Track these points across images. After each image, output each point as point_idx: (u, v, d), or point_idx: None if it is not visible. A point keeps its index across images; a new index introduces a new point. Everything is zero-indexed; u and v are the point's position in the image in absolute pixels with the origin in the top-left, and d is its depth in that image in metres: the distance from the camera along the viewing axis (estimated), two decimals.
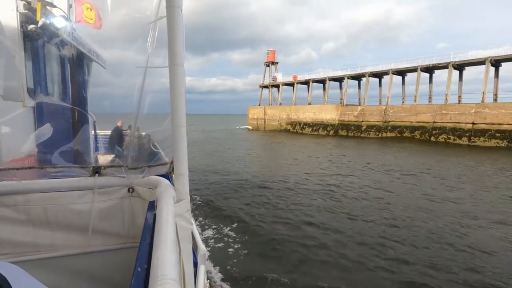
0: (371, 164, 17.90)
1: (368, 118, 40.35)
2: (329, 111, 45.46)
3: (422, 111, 35.17)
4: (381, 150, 25.99)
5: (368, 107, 41.61)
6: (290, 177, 13.73)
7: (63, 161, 1.91)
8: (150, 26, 1.70)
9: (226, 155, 21.22)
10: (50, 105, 3.65)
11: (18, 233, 1.70)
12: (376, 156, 21.97)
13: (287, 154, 22.96)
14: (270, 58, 60.22)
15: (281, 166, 17.09)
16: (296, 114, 50.34)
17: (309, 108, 49.16)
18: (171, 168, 1.88)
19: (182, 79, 1.31)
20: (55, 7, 3.48)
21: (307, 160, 19.52)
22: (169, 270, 0.85)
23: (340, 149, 26.61)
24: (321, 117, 46.09)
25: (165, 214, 1.20)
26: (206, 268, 1.88)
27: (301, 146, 28.86)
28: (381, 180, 13.47)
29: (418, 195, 10.87)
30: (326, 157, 21.09)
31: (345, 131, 42.39)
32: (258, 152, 24.57)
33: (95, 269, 1.89)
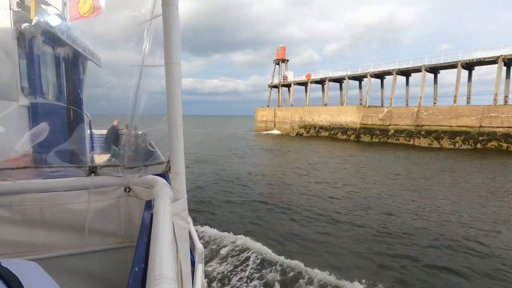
0: (436, 190, 12.75)
1: (396, 121, 34.75)
2: (349, 113, 39.92)
3: (465, 113, 29.34)
4: (430, 162, 20.73)
5: (397, 109, 35.76)
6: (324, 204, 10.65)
7: (58, 160, 1.90)
8: (145, 24, 1.69)
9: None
10: (45, 104, 3.62)
11: (14, 234, 1.68)
12: (431, 172, 17.01)
13: (311, 170, 17.65)
14: (280, 55, 54.10)
15: (308, 187, 13.20)
16: (310, 116, 44.95)
17: (325, 110, 43.67)
18: (167, 167, 1.87)
19: (178, 78, 1.31)
20: (49, 5, 3.44)
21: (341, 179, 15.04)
22: (166, 269, 0.85)
23: (375, 159, 21.67)
24: (340, 119, 40.72)
25: (162, 214, 1.20)
26: (204, 267, 1.88)
27: (322, 156, 23.51)
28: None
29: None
30: (360, 174, 16.46)
31: (369, 135, 36.95)
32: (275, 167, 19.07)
33: (92, 269, 1.88)
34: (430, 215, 9.54)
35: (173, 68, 1.28)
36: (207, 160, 20.82)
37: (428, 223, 8.85)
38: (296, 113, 47.45)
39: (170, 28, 1.26)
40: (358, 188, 13.05)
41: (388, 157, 23.37)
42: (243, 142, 36.66)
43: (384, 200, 11.26)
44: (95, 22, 3.62)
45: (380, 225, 8.65)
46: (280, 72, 54.60)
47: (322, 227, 8.53)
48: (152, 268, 0.87)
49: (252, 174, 16.03)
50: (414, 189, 12.91)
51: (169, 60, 1.27)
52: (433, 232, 8.16)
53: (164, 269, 0.84)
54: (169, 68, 1.28)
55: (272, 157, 23.34)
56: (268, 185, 13.63)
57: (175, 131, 1.34)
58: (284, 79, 52.84)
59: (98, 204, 1.83)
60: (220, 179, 14.65)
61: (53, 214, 1.74)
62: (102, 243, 1.90)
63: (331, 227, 8.56)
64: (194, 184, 13.22)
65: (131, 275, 0.98)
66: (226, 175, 15.65)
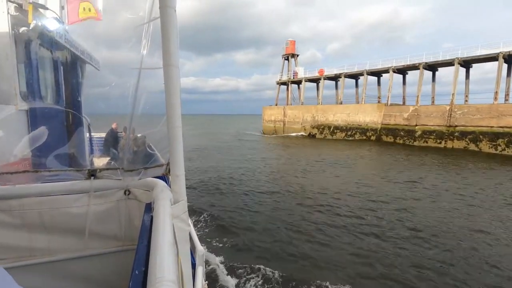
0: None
1: (424, 121, 30.45)
2: (368, 112, 35.81)
3: (508, 112, 25.14)
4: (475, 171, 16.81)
5: (424, 107, 31.41)
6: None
7: (58, 164, 1.90)
8: (143, 27, 1.70)
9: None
10: (44, 108, 3.61)
11: (13, 238, 1.68)
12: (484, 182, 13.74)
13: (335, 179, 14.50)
14: (289, 50, 48.90)
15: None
16: (324, 116, 40.52)
17: (341, 109, 39.32)
18: (167, 170, 1.87)
19: (177, 80, 1.31)
20: (47, 9, 3.45)
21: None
22: (167, 272, 0.85)
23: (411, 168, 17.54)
24: (358, 119, 36.54)
25: (162, 216, 1.20)
26: (204, 269, 1.87)
27: (346, 161, 20.27)
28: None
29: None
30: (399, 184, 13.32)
31: (391, 137, 33.12)
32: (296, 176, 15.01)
33: (92, 272, 1.88)
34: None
35: (171, 70, 1.28)
36: (222, 181, 13.61)
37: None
38: (308, 112, 42.84)
39: (168, 31, 1.26)
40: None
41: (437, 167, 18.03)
42: (257, 145, 31.52)
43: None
44: (93, 25, 3.62)
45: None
46: (289, 68, 49.55)
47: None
48: (152, 271, 0.86)
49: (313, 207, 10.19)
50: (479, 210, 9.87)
51: (168, 62, 1.27)
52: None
53: (164, 272, 0.84)
54: (168, 70, 1.28)
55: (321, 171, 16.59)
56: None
57: (174, 133, 1.34)
58: (294, 76, 47.72)
59: (98, 207, 1.83)
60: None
61: (53, 218, 1.73)
62: (103, 247, 1.89)
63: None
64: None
65: (131, 278, 0.98)
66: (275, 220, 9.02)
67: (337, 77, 42.58)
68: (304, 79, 45.87)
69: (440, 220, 8.94)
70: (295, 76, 47.63)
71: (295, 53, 49.21)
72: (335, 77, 42.91)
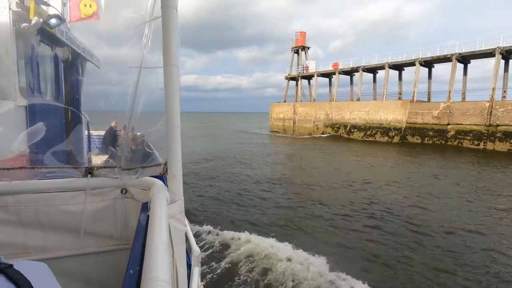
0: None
1: (458, 119, 26.80)
2: (391, 109, 32.07)
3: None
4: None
5: (459, 104, 27.52)
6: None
7: (55, 161, 1.89)
8: (144, 26, 1.70)
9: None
10: (43, 105, 3.60)
11: (8, 235, 1.67)
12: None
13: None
14: (299, 42, 44.71)
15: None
16: (339, 114, 36.88)
17: (359, 106, 35.38)
18: (165, 169, 1.87)
19: (177, 80, 1.31)
20: (49, 6, 3.45)
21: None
22: (161, 272, 0.84)
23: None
24: (379, 117, 32.93)
25: (158, 216, 1.19)
26: (200, 269, 1.87)
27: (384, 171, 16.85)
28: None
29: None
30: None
31: (418, 137, 29.59)
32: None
33: (87, 271, 1.86)
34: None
35: (171, 70, 1.28)
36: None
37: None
38: (321, 110, 38.97)
39: (169, 30, 1.26)
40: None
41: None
42: (267, 148, 27.04)
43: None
44: (95, 23, 3.62)
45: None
46: (299, 62, 45.64)
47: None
48: (147, 271, 0.86)
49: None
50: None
51: (168, 62, 1.27)
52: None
53: (159, 272, 0.84)
54: (168, 69, 1.28)
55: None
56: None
57: (173, 133, 1.34)
58: (304, 70, 43.62)
59: (94, 205, 1.82)
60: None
61: (48, 215, 1.73)
62: (98, 245, 1.88)
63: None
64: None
65: (125, 277, 0.97)
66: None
67: (354, 71, 38.42)
68: (316, 73, 41.79)
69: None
70: (306, 70, 43.48)
71: (305, 46, 44.84)
72: (351, 71, 38.82)
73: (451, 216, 9.45)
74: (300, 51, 45.48)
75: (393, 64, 34.24)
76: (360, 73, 37.09)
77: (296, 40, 45.43)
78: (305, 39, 45.11)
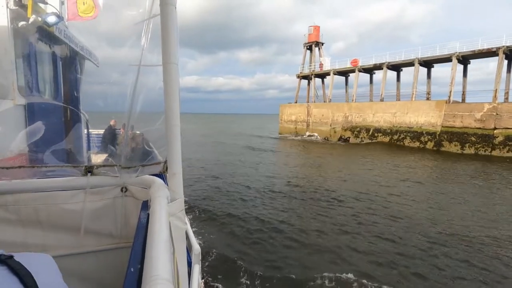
0: None
1: (508, 123, 22.73)
2: (423, 110, 27.60)
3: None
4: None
5: (508, 105, 23.22)
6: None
7: (54, 160, 1.89)
8: (143, 24, 1.69)
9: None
10: (42, 103, 3.60)
11: (8, 233, 1.67)
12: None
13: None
14: (312, 38, 40.35)
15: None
16: (360, 115, 32.56)
17: (383, 107, 30.86)
18: (165, 168, 1.87)
19: (176, 78, 1.30)
20: (47, 4, 3.43)
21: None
22: (162, 270, 0.84)
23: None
24: (408, 120, 28.53)
25: (158, 214, 1.20)
26: (201, 267, 1.87)
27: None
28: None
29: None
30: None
31: (457, 143, 25.13)
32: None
33: (87, 270, 1.87)
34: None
35: (170, 68, 1.28)
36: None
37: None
38: (339, 111, 34.56)
39: (168, 28, 1.26)
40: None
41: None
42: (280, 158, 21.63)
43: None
44: (93, 21, 3.61)
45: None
46: (312, 59, 41.32)
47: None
48: (147, 269, 0.86)
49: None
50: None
51: (167, 60, 1.27)
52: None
53: (160, 270, 0.84)
54: (167, 67, 1.28)
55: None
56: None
57: (172, 131, 1.34)
58: (319, 67, 39.26)
59: (94, 204, 1.82)
60: None
61: (48, 214, 1.73)
62: (98, 244, 1.88)
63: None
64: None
65: (126, 275, 0.97)
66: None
67: (376, 68, 33.76)
68: (332, 71, 37.23)
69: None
70: (320, 67, 39.09)
71: (319, 41, 40.37)
72: (373, 68, 34.16)
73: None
74: (314, 47, 40.98)
75: (424, 60, 29.35)
76: (385, 71, 32.46)
77: (309, 35, 40.96)
78: (319, 34, 40.64)
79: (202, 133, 40.83)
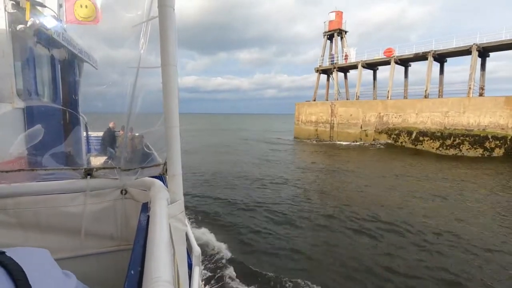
0: None
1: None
2: (488, 109, 21.91)
3: None
4: None
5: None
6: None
7: (54, 163, 1.88)
8: (142, 26, 1.69)
9: None
10: (41, 107, 3.59)
11: (9, 237, 1.66)
12: None
13: None
14: (334, 25, 33.77)
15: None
16: (399, 115, 26.72)
17: (430, 104, 24.84)
18: (164, 169, 1.87)
19: (175, 79, 1.30)
20: (45, 7, 3.43)
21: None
22: (163, 272, 0.84)
23: None
24: (466, 120, 22.84)
25: (158, 216, 1.19)
26: (201, 269, 1.87)
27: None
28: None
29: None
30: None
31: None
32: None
33: (88, 272, 1.86)
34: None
35: (169, 70, 1.28)
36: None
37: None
38: (371, 110, 28.52)
39: (166, 30, 1.26)
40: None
41: None
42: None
43: None
44: (92, 23, 3.61)
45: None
46: (331, 50, 34.84)
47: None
48: (148, 271, 0.86)
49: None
50: None
51: (165, 62, 1.27)
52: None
53: (160, 272, 0.84)
54: (166, 69, 1.28)
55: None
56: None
57: (172, 133, 1.34)
58: (344, 59, 33.04)
59: (94, 206, 1.82)
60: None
61: (48, 217, 1.72)
62: (98, 246, 1.88)
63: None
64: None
65: (127, 278, 0.97)
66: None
67: (417, 58, 27.87)
68: (361, 63, 31.16)
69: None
70: (345, 59, 32.93)
71: (342, 29, 33.80)
72: (413, 58, 28.16)
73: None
74: (336, 35, 33.90)
75: (484, 46, 23.69)
76: (430, 61, 26.22)
77: (330, 22, 33.92)
78: (342, 21, 33.91)
79: (207, 143, 30.64)
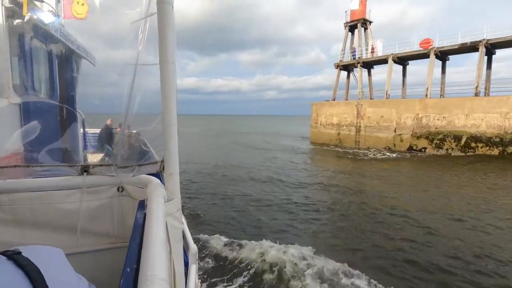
0: None
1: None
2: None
3: None
4: None
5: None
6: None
7: (50, 159, 1.87)
8: (140, 22, 1.68)
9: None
10: (37, 102, 3.57)
11: (4, 234, 1.65)
12: None
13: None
14: (357, 15, 29.23)
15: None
16: (442, 117, 22.12)
17: (485, 104, 20.55)
18: (161, 167, 1.86)
19: (173, 77, 1.30)
20: (43, 2, 3.41)
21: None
22: (159, 270, 0.84)
23: None
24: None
25: (155, 213, 1.19)
26: (198, 267, 1.87)
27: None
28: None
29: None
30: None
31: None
32: None
33: (83, 269, 1.85)
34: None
35: (167, 67, 1.27)
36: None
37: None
38: (407, 111, 23.86)
39: (165, 27, 1.25)
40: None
41: None
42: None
43: None
44: (89, 19, 3.59)
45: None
46: (354, 42, 30.44)
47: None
48: (144, 269, 0.86)
49: None
50: None
51: (164, 59, 1.27)
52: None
53: (156, 270, 0.84)
54: (164, 66, 1.27)
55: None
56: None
57: (169, 131, 1.33)
58: (370, 52, 28.42)
59: (91, 203, 1.81)
60: None
61: (44, 214, 1.71)
62: (94, 244, 1.87)
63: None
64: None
65: (122, 275, 0.97)
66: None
67: (463, 49, 23.23)
68: (391, 56, 26.25)
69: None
70: (371, 52, 28.26)
71: (366, 19, 29.24)
72: (457, 50, 23.54)
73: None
74: (360, 26, 29.17)
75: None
76: (481, 51, 21.72)
77: (352, 12, 29.43)
78: (366, 10, 29.36)
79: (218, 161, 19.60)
